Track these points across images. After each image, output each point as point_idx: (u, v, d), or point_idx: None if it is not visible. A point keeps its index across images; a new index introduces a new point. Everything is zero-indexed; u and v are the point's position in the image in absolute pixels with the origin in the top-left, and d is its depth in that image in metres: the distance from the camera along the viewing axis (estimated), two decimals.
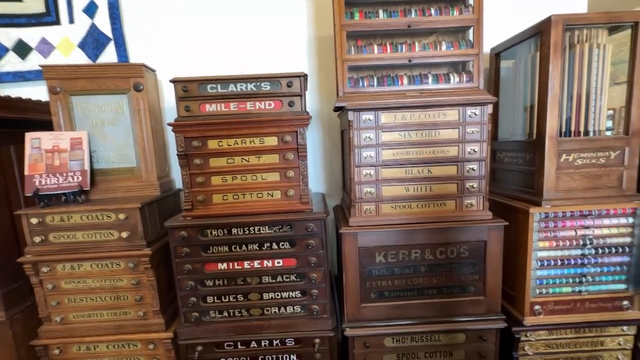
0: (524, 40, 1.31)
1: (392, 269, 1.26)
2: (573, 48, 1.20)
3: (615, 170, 1.22)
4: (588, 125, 1.23)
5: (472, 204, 1.23)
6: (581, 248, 1.24)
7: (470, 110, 1.19)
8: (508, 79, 1.49)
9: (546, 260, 1.25)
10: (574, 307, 1.27)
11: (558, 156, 1.21)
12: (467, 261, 1.25)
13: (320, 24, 1.64)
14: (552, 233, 1.24)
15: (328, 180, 1.77)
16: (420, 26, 1.26)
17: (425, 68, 1.38)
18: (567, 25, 1.15)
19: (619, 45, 1.27)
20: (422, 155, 1.22)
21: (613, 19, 1.15)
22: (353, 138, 1.19)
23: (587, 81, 1.20)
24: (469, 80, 1.28)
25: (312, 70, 1.68)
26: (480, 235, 1.23)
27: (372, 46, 1.29)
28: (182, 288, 1.25)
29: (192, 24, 1.63)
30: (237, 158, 1.24)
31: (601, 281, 1.27)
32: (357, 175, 1.21)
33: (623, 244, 1.25)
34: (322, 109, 1.71)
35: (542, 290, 1.27)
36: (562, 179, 1.22)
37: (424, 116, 1.20)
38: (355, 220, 1.23)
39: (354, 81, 1.30)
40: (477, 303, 1.27)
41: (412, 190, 1.23)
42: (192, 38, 1.64)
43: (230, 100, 1.22)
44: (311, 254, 1.24)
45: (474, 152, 1.21)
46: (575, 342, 1.29)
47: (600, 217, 1.23)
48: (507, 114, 1.50)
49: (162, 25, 1.63)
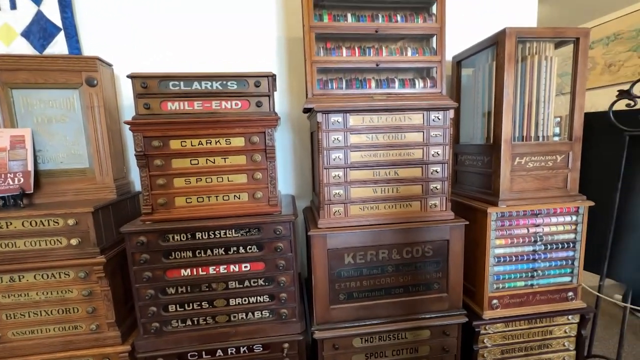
0: (482, 50, 1.39)
1: (361, 269, 1.27)
2: (525, 60, 1.29)
3: (561, 173, 1.34)
4: (538, 131, 1.33)
5: (435, 205, 1.28)
6: (532, 245, 1.34)
7: (433, 115, 1.24)
8: (469, 86, 1.57)
9: (502, 256, 1.33)
10: (527, 300, 1.37)
11: (512, 159, 1.29)
12: (432, 260, 1.30)
13: (290, 25, 1.63)
14: (508, 231, 1.32)
15: (298, 182, 1.76)
16: (387, 32, 1.29)
17: (393, 72, 1.42)
18: (519, 38, 1.23)
19: (565, 59, 1.39)
20: (389, 157, 1.24)
21: (558, 34, 1.25)
22: (322, 140, 1.19)
23: (537, 90, 1.30)
24: (432, 85, 1.34)
25: (282, 72, 1.66)
26: (443, 234, 1.28)
27: (341, 49, 1.30)
28: (140, 297, 1.17)
29: (155, 18, 1.54)
30: (201, 159, 1.19)
31: (550, 275, 1.38)
32: (326, 177, 1.21)
33: (568, 240, 1.36)
34: (292, 110, 1.69)
35: (499, 285, 1.35)
36: (516, 180, 1.31)
37: (390, 119, 1.23)
38: (325, 222, 1.23)
39: (323, 83, 1.30)
40: (441, 300, 1.32)
41: (379, 192, 1.26)
42: (154, 33, 1.55)
43: (195, 98, 1.17)
44: (280, 257, 1.22)
45: (438, 154, 1.26)
46: (528, 333, 1.39)
47: (549, 216, 1.34)
48: (468, 119, 1.58)
49: (122, 18, 1.52)
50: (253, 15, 1.60)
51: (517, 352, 1.40)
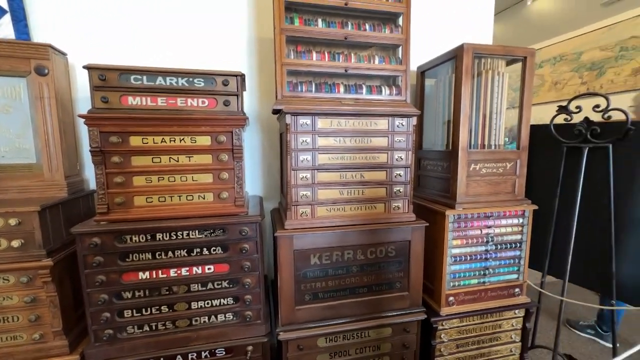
0: (444, 62, 1.48)
1: (326, 270, 1.29)
2: (480, 74, 1.40)
3: (510, 179, 1.46)
4: (491, 140, 1.45)
5: (398, 207, 1.34)
6: (485, 245, 1.45)
7: (398, 121, 1.30)
8: (432, 95, 1.67)
9: (458, 256, 1.42)
10: (479, 296, 1.47)
11: (468, 165, 1.39)
12: (394, 260, 1.36)
13: (261, 26, 1.63)
14: (463, 232, 1.41)
15: (267, 183, 1.75)
16: (355, 39, 1.34)
17: (361, 79, 1.47)
18: (475, 53, 1.34)
19: (520, 75, 1.52)
20: (355, 160, 1.28)
21: (508, 52, 1.38)
22: (290, 141, 1.20)
23: (490, 103, 1.42)
24: (398, 93, 1.40)
25: (252, 72, 1.65)
26: (405, 235, 1.34)
27: (312, 53, 1.33)
28: (92, 303, 1.09)
29: (119, 10, 1.46)
30: (164, 157, 1.15)
31: (499, 272, 1.49)
32: (293, 179, 1.22)
33: (515, 240, 1.49)
34: (262, 111, 1.69)
35: (455, 283, 1.43)
36: (471, 185, 1.41)
37: (357, 124, 1.27)
38: (291, 223, 1.23)
39: (292, 85, 1.31)
40: (402, 298, 1.38)
41: (346, 194, 1.29)
42: (118, 25, 1.47)
43: (158, 94, 1.13)
44: (245, 259, 1.21)
45: (401, 159, 1.32)
46: (480, 327, 1.49)
47: (499, 218, 1.45)
48: (430, 126, 1.67)
49: (81, 5, 1.43)
50: (224, 14, 1.58)
51: (471, 345, 1.50)
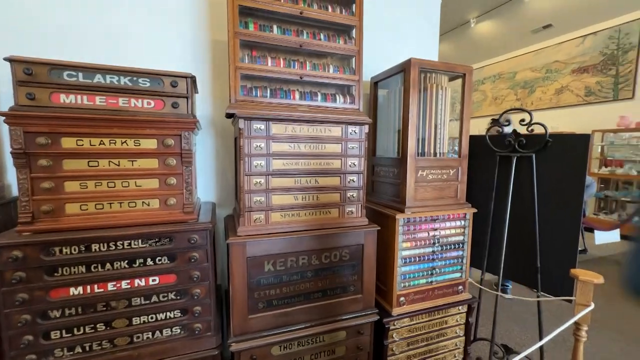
0: (394, 74, 1.57)
1: (281, 276, 1.28)
2: (427, 88, 1.51)
3: (453, 184, 1.58)
4: (436, 148, 1.56)
5: (352, 212, 1.38)
6: (432, 246, 1.54)
7: (351, 129, 1.35)
8: (384, 105, 1.76)
9: (408, 257, 1.50)
10: (427, 295, 1.56)
11: (416, 172, 1.48)
12: (348, 263, 1.39)
13: (216, 28, 1.59)
14: (412, 235, 1.49)
15: (221, 189, 1.69)
16: (310, 48, 1.37)
17: (316, 86, 1.50)
18: (421, 68, 1.44)
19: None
20: (310, 166, 1.30)
21: (450, 68, 1.50)
22: (243, 146, 1.18)
23: (435, 114, 1.53)
24: (351, 102, 1.45)
25: (207, 75, 1.60)
26: (359, 239, 1.38)
27: (267, 58, 1.33)
28: (11, 325, 0.96)
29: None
30: (103, 161, 1.06)
31: (445, 272, 1.60)
32: (247, 184, 1.20)
33: (458, 241, 1.61)
34: (216, 115, 1.64)
35: (405, 283, 1.51)
36: (419, 190, 1.50)
37: (312, 130, 1.29)
38: (244, 230, 1.21)
39: (247, 90, 1.30)
40: (356, 301, 1.41)
41: (300, 199, 1.30)
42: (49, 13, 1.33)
43: (97, 92, 1.04)
44: (194, 268, 1.15)
45: (354, 165, 1.37)
46: (428, 324, 1.58)
47: (444, 221, 1.56)
48: (383, 134, 1.76)
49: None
50: (176, 15, 1.52)
51: (420, 342, 1.58)
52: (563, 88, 5.77)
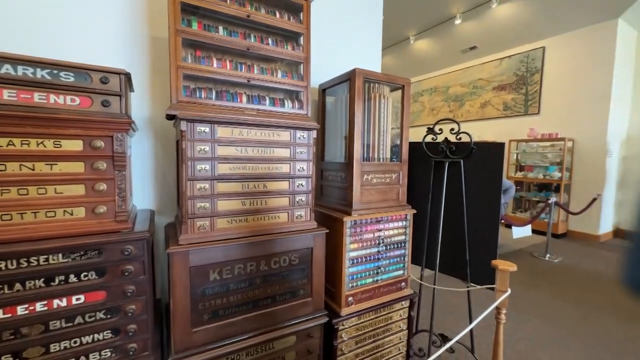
0: (340, 83, 1.64)
1: (228, 285, 1.23)
2: (371, 97, 1.60)
3: (395, 187, 1.69)
4: (380, 154, 1.66)
5: (301, 216, 1.40)
6: (377, 246, 1.63)
7: (299, 134, 1.37)
8: (332, 112, 1.82)
9: (355, 258, 1.56)
10: (374, 294, 1.64)
11: (362, 176, 1.55)
12: (298, 267, 1.39)
13: (156, 23, 1.49)
14: (359, 236, 1.56)
15: (161, 195, 1.58)
16: (258, 51, 1.36)
17: (264, 90, 1.49)
18: (365, 78, 1.53)
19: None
20: (258, 170, 1.29)
21: (390, 79, 1.62)
22: (186, 149, 1.12)
23: (378, 122, 1.63)
24: (300, 107, 1.48)
25: (146, 73, 1.48)
26: (308, 242, 1.40)
27: (212, 59, 1.28)
28: None
29: None
30: (12, 164, 0.91)
31: (389, 270, 1.70)
32: (190, 189, 1.14)
33: (401, 241, 1.73)
34: (155, 116, 1.53)
35: (353, 283, 1.56)
36: (365, 193, 1.58)
37: (260, 134, 1.28)
38: (187, 238, 1.14)
39: (190, 91, 1.24)
40: (306, 304, 1.42)
41: (248, 204, 1.27)
42: None
43: (5, 86, 0.90)
44: (128, 282, 1.05)
45: (303, 169, 1.39)
46: (375, 321, 1.65)
47: (388, 222, 1.66)
48: (332, 140, 1.81)
49: None
50: (114, 7, 1.39)
51: (368, 339, 1.64)
52: (486, 102, 6.58)
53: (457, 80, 7.18)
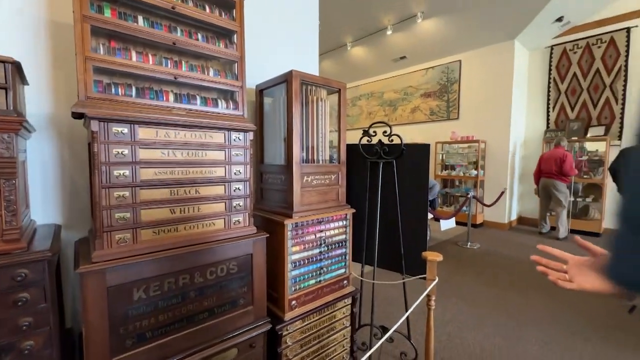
0: (277, 84, 1.62)
1: (156, 303, 1.11)
2: (308, 100, 1.61)
3: (335, 188, 1.73)
4: (319, 155, 1.68)
5: (239, 221, 1.33)
6: (319, 247, 1.64)
7: (235, 135, 1.31)
8: (270, 113, 1.78)
9: (298, 261, 1.54)
10: (317, 295, 1.64)
11: (302, 178, 1.55)
12: (237, 276, 1.33)
13: (58, 3, 1.28)
14: (301, 238, 1.55)
15: (70, 207, 1.35)
16: (186, 47, 1.26)
17: (195, 89, 1.39)
18: (302, 80, 1.53)
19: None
20: (189, 175, 1.19)
21: (326, 83, 1.66)
22: (99, 153, 0.98)
23: (317, 124, 1.65)
24: (235, 108, 1.41)
25: (46, 64, 1.26)
26: (247, 249, 1.34)
27: (130, 52, 1.15)
28: None
29: None
30: None
31: (332, 270, 1.72)
32: (105, 199, 1.00)
33: (342, 240, 1.77)
34: (61, 114, 1.31)
35: (296, 287, 1.55)
36: (305, 195, 1.58)
37: (190, 136, 1.19)
38: (102, 254, 0.99)
39: (103, 86, 1.09)
40: (247, 314, 1.36)
41: (178, 212, 1.17)
42: None
43: None
44: (24, 314, 0.87)
45: (239, 173, 1.33)
46: (319, 322, 1.66)
47: (329, 222, 1.69)
48: (271, 142, 1.78)
49: None
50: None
51: (313, 341, 1.65)
52: (416, 108, 7.21)
53: (390, 87, 7.73)
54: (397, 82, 7.55)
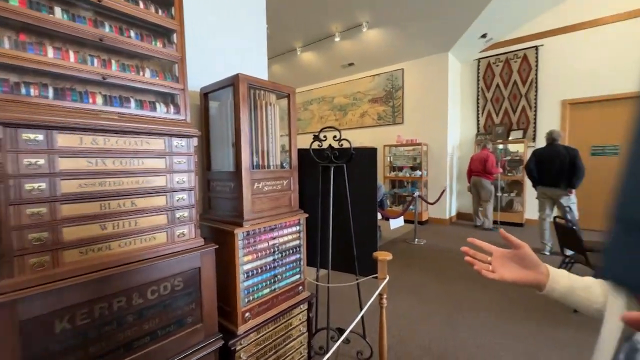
0: (224, 87, 1.55)
1: (85, 333, 0.97)
2: (257, 105, 1.57)
3: (287, 194, 1.71)
4: (270, 161, 1.65)
5: (184, 234, 1.24)
6: (272, 255, 1.60)
7: (176, 141, 1.21)
8: (217, 118, 1.70)
9: (250, 271, 1.49)
10: (272, 303, 1.60)
11: (252, 184, 1.51)
12: (183, 292, 1.23)
13: None
14: (253, 247, 1.50)
15: None
16: (116, 44, 1.14)
17: (129, 91, 1.26)
18: (249, 84, 1.49)
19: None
20: (123, 186, 1.07)
21: (275, 87, 1.64)
22: (5, 164, 0.83)
23: (267, 129, 1.62)
24: (176, 112, 1.32)
25: None
26: (194, 262, 1.25)
27: (45, 47, 1.00)
28: None
29: None
30: None
31: (286, 277, 1.70)
32: (14, 218, 0.85)
33: (296, 245, 1.75)
34: None
35: (249, 297, 1.49)
36: (256, 202, 1.53)
37: (123, 143, 1.08)
38: (12, 284, 0.84)
39: (9, 85, 0.93)
40: (196, 332, 1.26)
41: (111, 228, 1.04)
42: None
43: None
44: None
45: (183, 182, 1.24)
46: (275, 332, 1.62)
47: (282, 229, 1.66)
48: (219, 148, 1.69)
49: None
50: None
51: (269, 352, 1.60)
52: (364, 113, 7.52)
53: (340, 92, 7.95)
54: (347, 87, 7.80)
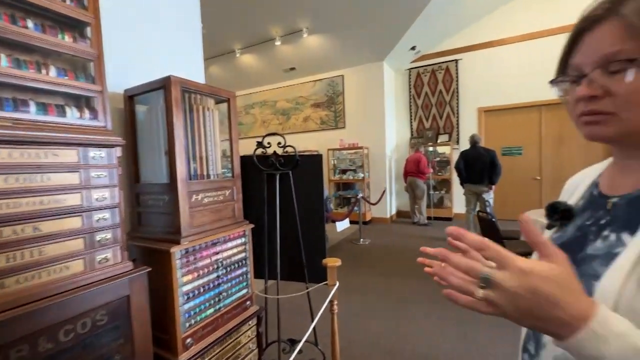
0: (153, 90, 1.40)
1: None
2: (193, 109, 1.45)
3: (230, 204, 1.61)
4: (209, 170, 1.53)
5: (107, 259, 1.07)
6: (216, 271, 1.49)
7: (93, 152, 1.04)
8: (146, 124, 1.52)
9: (191, 292, 1.36)
10: (218, 324, 1.48)
11: (190, 197, 1.38)
12: (108, 327, 1.06)
13: None
14: (193, 265, 1.37)
15: None
16: (8, 36, 0.94)
17: (27, 92, 1.05)
18: (183, 87, 1.36)
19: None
20: (21, 207, 0.88)
21: (214, 91, 1.53)
22: None
23: (205, 135, 1.50)
24: (93, 117, 1.13)
25: None
26: (122, 291, 1.09)
27: None
28: None
29: None
30: None
31: (232, 293, 1.59)
32: None
33: (241, 258, 1.66)
34: None
35: (191, 321, 1.35)
36: (195, 215, 1.41)
37: (20, 155, 0.88)
38: None
39: None
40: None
41: (4, 261, 0.84)
42: None
43: None
44: None
45: (104, 198, 1.07)
46: (222, 354, 1.50)
47: (225, 242, 1.55)
48: (149, 157, 1.51)
49: None
50: None
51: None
52: (307, 117, 7.60)
53: (283, 96, 7.91)
54: (289, 91, 7.79)
